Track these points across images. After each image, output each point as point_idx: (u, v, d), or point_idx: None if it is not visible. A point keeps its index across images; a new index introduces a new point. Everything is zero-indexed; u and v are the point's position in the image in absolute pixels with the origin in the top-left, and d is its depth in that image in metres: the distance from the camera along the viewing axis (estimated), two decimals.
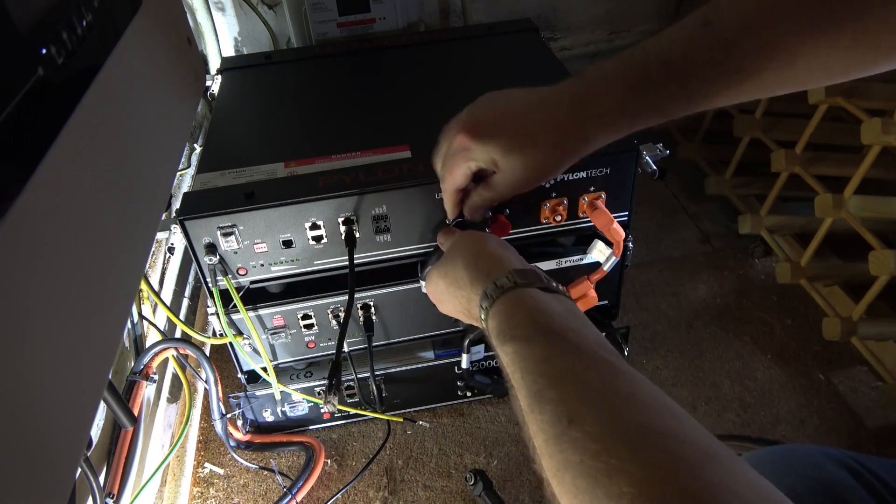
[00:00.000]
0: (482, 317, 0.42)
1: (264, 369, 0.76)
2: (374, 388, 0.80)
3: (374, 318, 0.76)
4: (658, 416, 0.29)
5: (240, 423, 0.83)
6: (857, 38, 0.36)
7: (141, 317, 0.77)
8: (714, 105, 0.43)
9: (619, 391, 0.31)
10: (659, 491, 0.25)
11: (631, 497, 0.25)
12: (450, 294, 0.49)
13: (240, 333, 0.74)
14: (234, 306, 0.70)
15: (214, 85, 0.91)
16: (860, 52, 0.37)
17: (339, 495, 0.82)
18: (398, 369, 0.83)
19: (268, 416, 0.85)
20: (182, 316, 0.92)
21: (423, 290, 0.72)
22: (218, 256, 0.66)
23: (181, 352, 0.77)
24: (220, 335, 0.73)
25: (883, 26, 0.35)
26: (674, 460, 0.27)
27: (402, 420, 0.89)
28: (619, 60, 0.45)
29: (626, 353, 0.85)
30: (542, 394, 0.33)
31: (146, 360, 0.71)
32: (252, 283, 0.70)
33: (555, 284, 0.42)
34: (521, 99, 0.50)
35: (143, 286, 0.71)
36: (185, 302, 0.95)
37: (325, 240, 0.68)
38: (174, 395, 0.87)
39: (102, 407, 0.64)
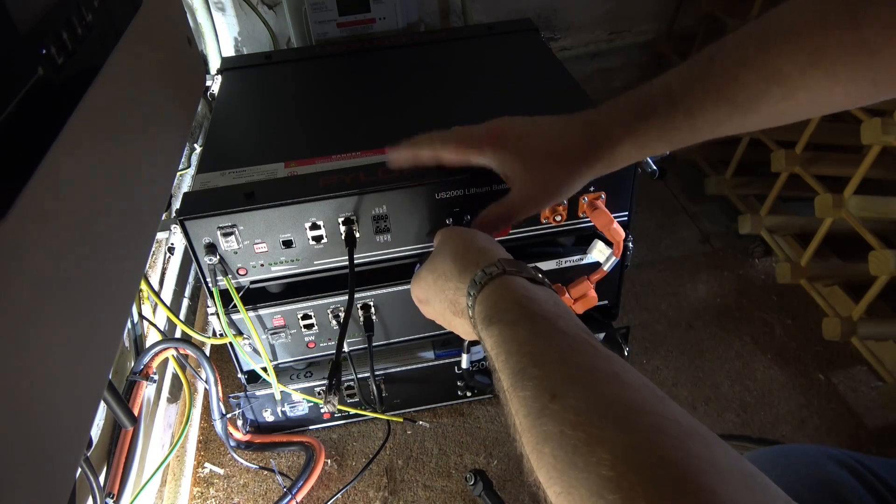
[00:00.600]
0: (469, 304, 0.43)
1: (264, 369, 0.76)
2: (374, 388, 0.80)
3: (374, 318, 0.76)
4: (641, 396, 0.29)
5: (240, 423, 0.83)
6: (855, 74, 0.37)
7: (141, 317, 0.77)
8: (719, 134, 0.45)
9: (604, 370, 0.31)
10: (638, 458, 0.25)
11: (610, 464, 0.26)
12: (437, 288, 0.49)
13: (240, 333, 0.74)
14: (234, 306, 0.70)
15: (214, 85, 0.91)
16: (859, 86, 0.38)
17: (339, 495, 0.82)
18: (398, 369, 0.83)
19: (268, 416, 0.85)
20: (182, 316, 0.92)
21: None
22: (218, 256, 0.66)
23: (181, 352, 0.77)
24: (220, 335, 0.73)
25: (881, 65, 0.36)
26: (655, 432, 0.27)
27: (402, 420, 0.89)
28: (630, 93, 0.49)
29: (626, 353, 0.85)
30: (526, 371, 0.33)
31: (146, 360, 0.71)
32: (252, 283, 0.70)
33: (541, 276, 0.43)
34: (540, 123, 0.54)
35: (143, 286, 0.71)
36: (185, 302, 0.95)
37: (325, 240, 0.68)
38: (174, 395, 0.87)
39: (102, 407, 0.64)
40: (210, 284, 0.68)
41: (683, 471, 0.25)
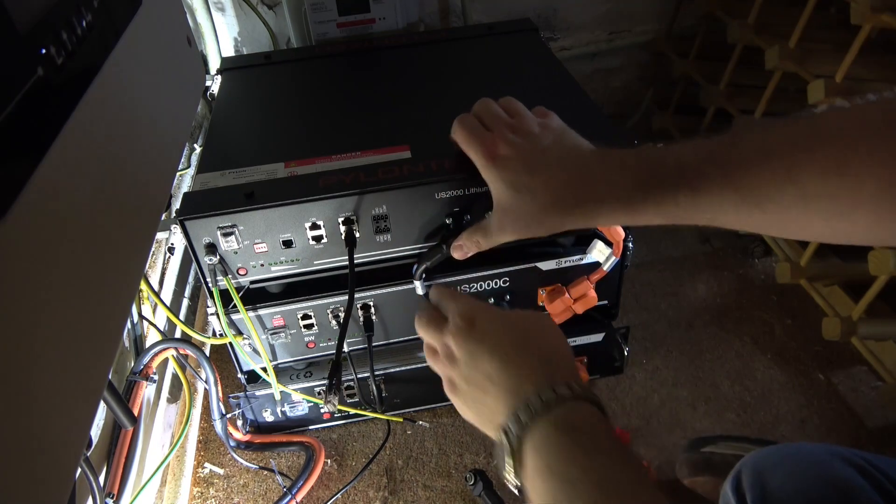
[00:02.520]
0: (512, 433, 0.35)
1: (264, 369, 0.76)
2: (374, 388, 0.80)
3: (373, 318, 0.76)
4: None
5: (240, 423, 0.83)
6: (882, 200, 0.33)
7: (141, 317, 0.77)
8: (716, 224, 0.41)
9: None
10: None
11: None
12: (472, 387, 0.42)
13: (240, 333, 0.74)
14: (234, 306, 0.70)
15: (214, 85, 0.91)
16: (881, 218, 0.33)
17: (339, 495, 0.82)
18: (398, 369, 0.83)
19: (268, 416, 0.85)
20: (182, 316, 0.92)
21: (418, 290, 0.72)
22: (218, 256, 0.66)
23: (181, 352, 0.77)
24: (220, 335, 0.73)
25: None
26: None
27: (402, 420, 0.89)
28: (639, 152, 0.45)
29: (626, 353, 0.85)
30: None
31: (146, 360, 0.71)
32: (252, 283, 0.70)
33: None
34: (553, 152, 0.51)
35: (143, 286, 0.71)
36: (185, 302, 0.95)
37: (325, 240, 0.68)
38: (174, 395, 0.87)
39: (102, 407, 0.64)
40: (210, 284, 0.68)
41: None
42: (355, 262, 0.68)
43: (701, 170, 0.40)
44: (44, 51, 0.37)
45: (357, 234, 0.67)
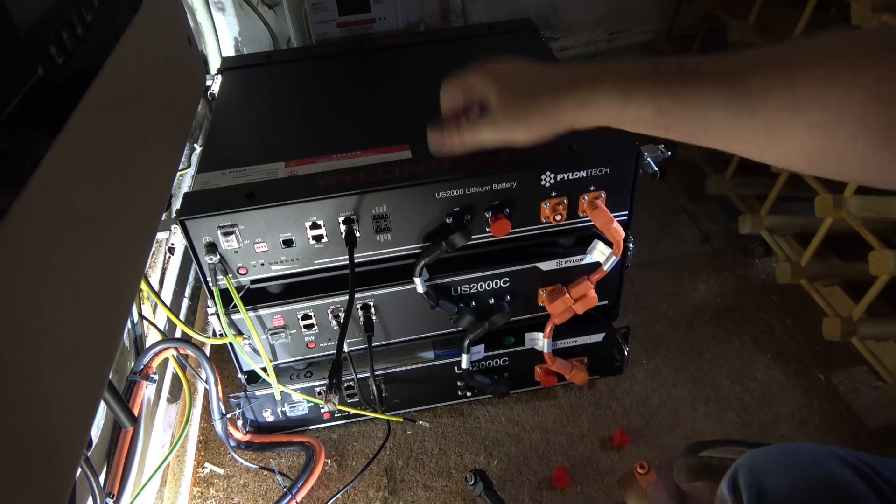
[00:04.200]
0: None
1: (264, 369, 0.76)
2: (374, 388, 0.80)
3: (373, 318, 0.76)
4: None
5: (240, 423, 0.83)
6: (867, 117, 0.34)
7: (141, 317, 0.77)
8: (704, 130, 0.42)
9: None
10: None
11: None
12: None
13: (240, 333, 0.74)
14: (235, 306, 0.70)
15: (214, 85, 0.91)
16: (871, 134, 0.35)
17: (339, 495, 0.82)
18: (398, 369, 0.83)
19: (268, 416, 0.85)
20: (182, 316, 0.92)
21: (419, 289, 0.72)
22: (218, 256, 0.66)
23: (181, 352, 0.77)
24: (220, 335, 0.73)
25: None
26: None
27: (402, 420, 0.89)
28: (637, 58, 0.49)
29: (626, 353, 0.85)
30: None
31: (146, 360, 0.71)
32: (252, 282, 0.70)
33: None
34: (538, 67, 0.55)
35: (143, 286, 0.71)
36: (185, 302, 0.95)
37: (325, 239, 0.68)
38: (174, 395, 0.87)
39: (102, 407, 0.64)
40: (210, 284, 0.68)
41: None
42: (355, 261, 0.68)
43: (699, 68, 0.42)
44: (44, 51, 0.37)
45: (357, 234, 0.67)
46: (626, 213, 0.73)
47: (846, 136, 0.35)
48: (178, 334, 0.86)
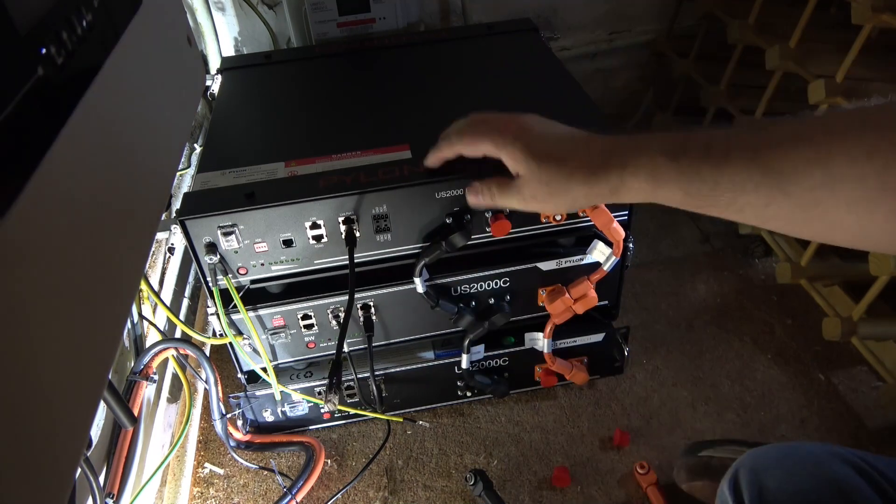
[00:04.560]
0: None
1: (264, 369, 0.76)
2: (374, 388, 0.80)
3: (373, 318, 0.76)
4: None
5: (240, 423, 0.83)
6: None
7: (141, 317, 0.77)
8: (737, 208, 0.41)
9: None
10: None
11: None
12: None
13: (240, 333, 0.74)
14: (234, 306, 0.70)
15: (214, 85, 0.91)
16: None
17: (339, 495, 0.82)
18: (398, 369, 0.83)
19: (268, 416, 0.85)
20: (182, 316, 0.92)
21: (419, 289, 0.72)
22: (218, 256, 0.66)
23: (181, 352, 0.77)
24: (220, 335, 0.73)
25: None
26: None
27: (402, 420, 0.89)
28: (664, 131, 0.46)
29: (626, 353, 0.85)
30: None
31: (146, 360, 0.71)
32: (252, 282, 0.70)
33: None
34: (564, 129, 0.54)
35: (143, 286, 0.71)
36: (185, 302, 0.95)
37: (325, 239, 0.68)
38: (174, 395, 0.87)
39: (102, 407, 0.64)
40: (210, 284, 0.68)
41: None
42: (355, 261, 0.68)
43: (729, 145, 0.41)
44: (44, 51, 0.37)
45: (357, 234, 0.67)
46: (626, 213, 0.73)
47: (887, 210, 0.34)
48: (178, 334, 0.86)
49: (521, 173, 0.53)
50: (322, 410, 0.86)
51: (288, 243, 0.67)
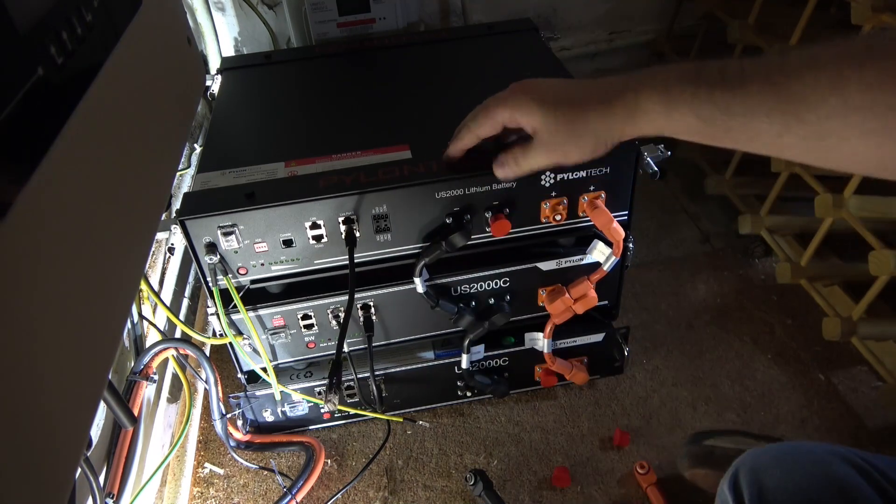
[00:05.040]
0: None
1: (264, 369, 0.76)
2: (374, 388, 0.80)
3: (373, 318, 0.76)
4: None
5: (240, 423, 0.83)
6: None
7: (141, 317, 0.77)
8: (748, 137, 0.41)
9: None
10: None
11: None
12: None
13: (240, 333, 0.74)
14: (234, 306, 0.70)
15: (214, 85, 0.91)
16: None
17: (339, 495, 0.82)
18: (398, 369, 0.83)
19: (268, 416, 0.85)
20: (182, 316, 0.92)
21: (419, 289, 0.72)
22: (218, 256, 0.66)
23: (181, 352, 0.77)
24: (220, 335, 0.73)
25: None
26: None
27: (402, 420, 0.89)
28: (676, 62, 0.46)
29: (626, 353, 0.85)
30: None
31: (146, 360, 0.71)
32: (252, 282, 0.70)
33: None
34: (570, 80, 0.55)
35: (143, 286, 0.71)
36: (185, 302, 0.95)
37: (325, 239, 0.68)
38: (174, 395, 0.87)
39: (102, 407, 0.64)
40: (210, 284, 0.68)
41: None
42: (355, 261, 0.68)
43: (744, 71, 0.41)
44: (44, 51, 0.37)
45: (357, 234, 0.67)
46: (626, 213, 0.73)
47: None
48: (178, 334, 0.86)
49: (539, 125, 0.53)
50: (322, 410, 0.86)
51: (288, 243, 0.67)
